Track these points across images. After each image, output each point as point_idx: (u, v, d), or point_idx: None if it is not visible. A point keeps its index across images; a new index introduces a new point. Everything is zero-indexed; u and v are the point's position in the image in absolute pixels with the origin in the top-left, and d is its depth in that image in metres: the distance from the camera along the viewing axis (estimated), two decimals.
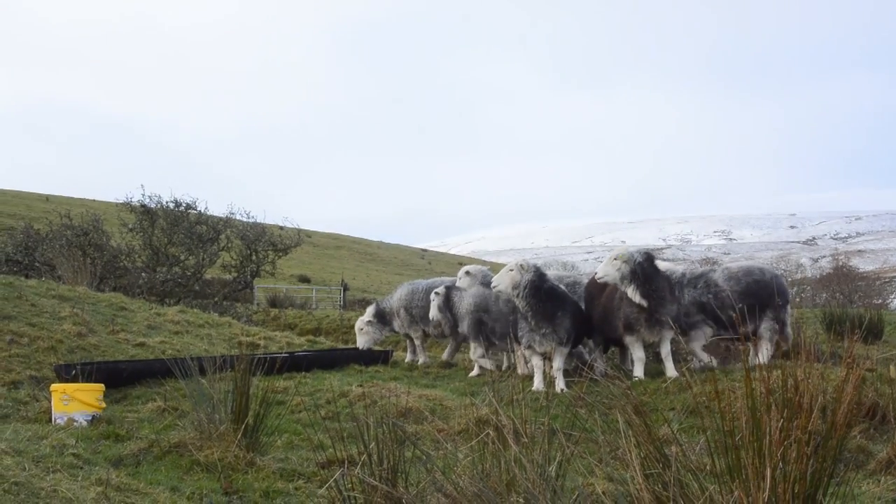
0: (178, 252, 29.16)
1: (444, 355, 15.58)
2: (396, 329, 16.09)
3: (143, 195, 29.57)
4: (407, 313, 15.59)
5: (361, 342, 15.75)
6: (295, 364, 13.56)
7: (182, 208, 29.65)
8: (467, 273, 14.39)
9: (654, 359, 13.60)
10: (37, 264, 27.74)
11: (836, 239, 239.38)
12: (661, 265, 12.70)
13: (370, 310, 16.06)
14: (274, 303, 37.83)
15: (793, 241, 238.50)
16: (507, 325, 13.00)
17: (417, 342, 15.78)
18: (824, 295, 42.83)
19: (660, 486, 4.94)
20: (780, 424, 4.70)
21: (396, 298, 15.81)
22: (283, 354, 14.16)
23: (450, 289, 14.56)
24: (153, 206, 29.36)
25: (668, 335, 11.88)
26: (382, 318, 15.81)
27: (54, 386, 10.91)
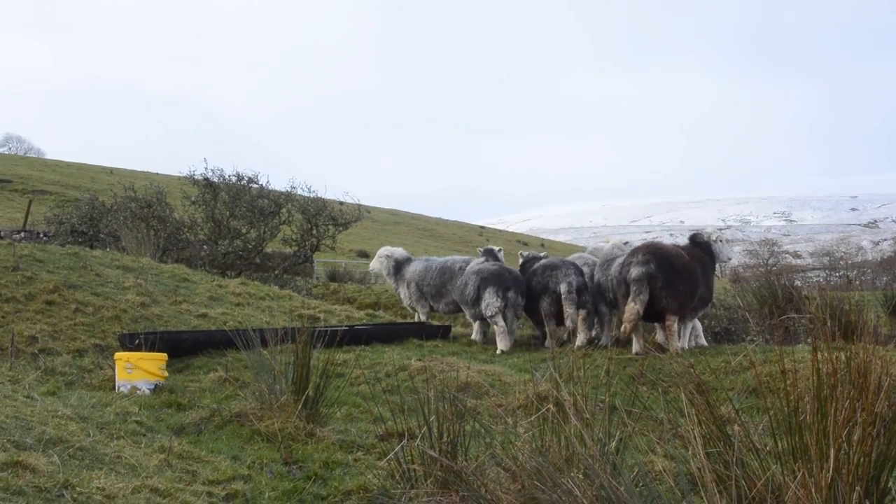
0: (240, 225, 29.27)
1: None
2: (401, 298, 17.05)
3: (206, 169, 29.74)
4: (417, 288, 16.25)
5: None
6: (354, 337, 13.59)
7: (244, 182, 29.77)
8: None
9: (713, 338, 13.54)
10: (101, 235, 28.07)
11: None
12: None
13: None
14: (333, 277, 37.91)
15: (853, 224, 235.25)
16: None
17: (423, 317, 16.49)
18: (885, 278, 42.22)
19: (721, 465, 4.92)
20: (845, 405, 4.65)
21: (410, 272, 16.43)
22: (343, 327, 14.21)
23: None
24: (216, 179, 29.47)
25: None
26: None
27: (118, 354, 11.06)
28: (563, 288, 13.66)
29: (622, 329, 11.95)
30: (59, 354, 12.01)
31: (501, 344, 13.85)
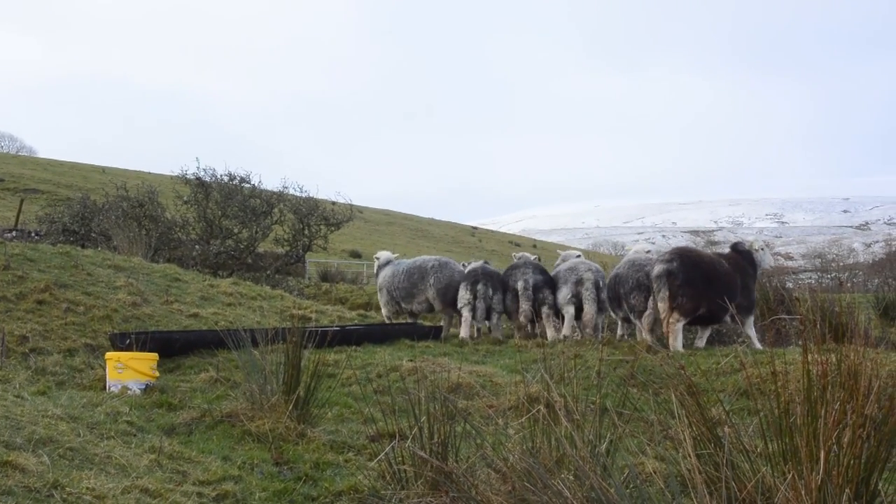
0: (232, 225, 29.27)
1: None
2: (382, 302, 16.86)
3: (199, 168, 29.71)
4: (388, 293, 16.22)
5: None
6: (346, 337, 13.58)
7: (236, 182, 29.75)
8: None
9: (715, 339, 13.61)
10: (93, 234, 28.05)
11: (889, 224, 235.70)
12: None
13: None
14: (325, 277, 37.92)
15: (845, 226, 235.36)
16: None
17: (387, 318, 16.49)
18: (877, 280, 42.20)
19: (711, 466, 4.92)
20: (835, 407, 4.66)
21: (381, 277, 16.45)
22: (335, 328, 14.20)
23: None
24: (208, 179, 29.46)
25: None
26: None
27: (109, 354, 11.05)
28: (519, 285, 14.53)
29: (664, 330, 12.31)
30: (49, 354, 11.99)
31: (463, 332, 14.96)
